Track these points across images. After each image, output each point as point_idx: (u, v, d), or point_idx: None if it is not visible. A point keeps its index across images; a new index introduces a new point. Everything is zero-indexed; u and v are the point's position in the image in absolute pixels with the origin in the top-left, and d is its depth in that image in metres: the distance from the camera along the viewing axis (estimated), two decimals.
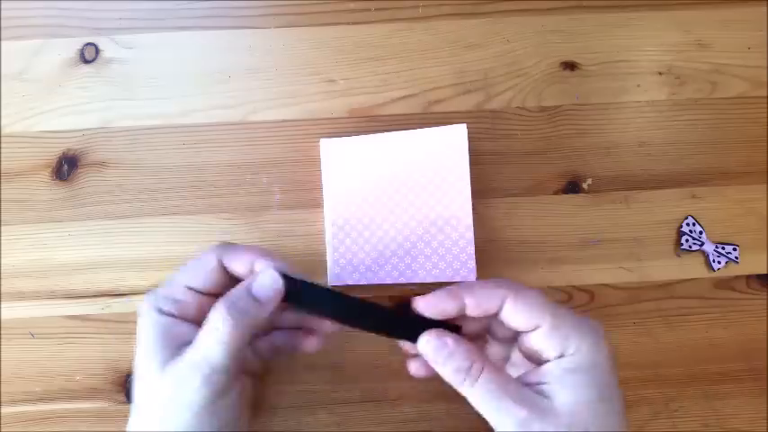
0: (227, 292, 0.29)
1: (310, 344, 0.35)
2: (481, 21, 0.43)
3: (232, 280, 0.31)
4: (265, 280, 0.29)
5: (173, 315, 0.29)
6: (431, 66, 0.43)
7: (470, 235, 0.39)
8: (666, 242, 0.42)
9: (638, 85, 0.43)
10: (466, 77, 0.43)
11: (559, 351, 0.29)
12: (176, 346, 0.29)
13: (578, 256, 0.42)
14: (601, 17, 0.43)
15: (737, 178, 0.43)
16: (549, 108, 0.43)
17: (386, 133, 0.40)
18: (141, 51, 0.42)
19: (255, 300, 0.29)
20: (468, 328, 0.33)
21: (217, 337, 0.28)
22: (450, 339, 0.30)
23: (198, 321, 0.29)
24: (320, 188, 0.41)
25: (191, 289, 0.30)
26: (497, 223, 0.42)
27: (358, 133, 0.41)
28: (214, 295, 0.30)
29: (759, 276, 0.42)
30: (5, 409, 0.40)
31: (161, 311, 0.29)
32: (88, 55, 0.42)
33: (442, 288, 0.32)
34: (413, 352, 0.33)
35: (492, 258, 0.41)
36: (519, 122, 0.42)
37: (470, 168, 0.39)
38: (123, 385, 0.40)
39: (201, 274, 0.30)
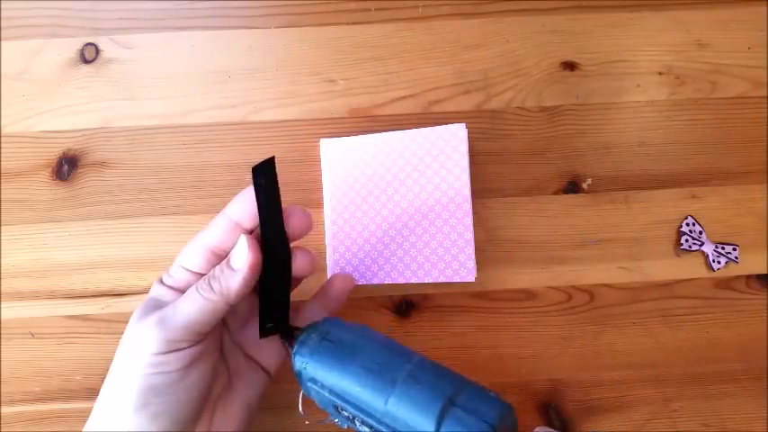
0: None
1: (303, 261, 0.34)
2: (481, 21, 0.43)
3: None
4: (237, 248, 0.31)
5: (168, 286, 0.32)
6: (431, 66, 0.43)
7: (470, 235, 0.39)
8: (666, 242, 0.42)
9: (638, 85, 0.43)
10: (466, 77, 0.43)
11: None
12: (158, 308, 0.31)
13: (578, 256, 0.42)
14: (600, 17, 0.43)
15: (737, 178, 0.43)
16: (549, 108, 0.43)
17: (385, 133, 0.40)
18: (141, 51, 0.42)
19: (230, 269, 0.30)
20: None
21: (186, 300, 0.30)
22: None
23: None
24: (320, 188, 0.41)
25: (185, 269, 0.33)
26: (497, 223, 0.42)
27: (358, 133, 0.41)
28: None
29: (759, 276, 0.42)
30: (4, 409, 0.40)
31: (161, 282, 0.33)
32: (88, 55, 0.42)
33: None
34: None
35: (492, 258, 0.41)
36: (519, 122, 0.42)
37: (470, 168, 0.39)
38: None
39: (191, 255, 0.33)
